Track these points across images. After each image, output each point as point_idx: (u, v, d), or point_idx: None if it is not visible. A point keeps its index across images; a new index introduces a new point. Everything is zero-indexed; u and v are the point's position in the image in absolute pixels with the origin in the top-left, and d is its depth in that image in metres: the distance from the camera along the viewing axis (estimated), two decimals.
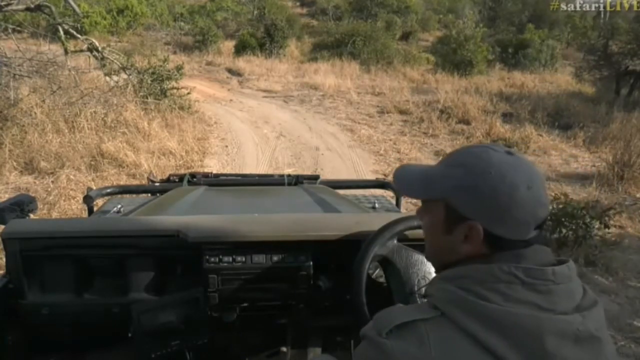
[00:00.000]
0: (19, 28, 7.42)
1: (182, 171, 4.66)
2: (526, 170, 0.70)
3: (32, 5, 7.15)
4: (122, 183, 5.01)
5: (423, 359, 0.62)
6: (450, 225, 0.73)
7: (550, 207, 4.27)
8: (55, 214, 4.36)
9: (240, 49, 15.58)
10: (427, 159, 6.96)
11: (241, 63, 14.09)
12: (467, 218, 0.70)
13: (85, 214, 2.12)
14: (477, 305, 0.64)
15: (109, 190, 2.11)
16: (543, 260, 0.69)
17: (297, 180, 2.24)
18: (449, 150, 7.34)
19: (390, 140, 7.95)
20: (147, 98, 7.54)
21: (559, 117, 9.15)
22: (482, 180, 0.69)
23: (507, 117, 9.21)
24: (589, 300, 0.68)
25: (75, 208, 4.49)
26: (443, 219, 0.74)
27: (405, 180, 0.81)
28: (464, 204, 0.71)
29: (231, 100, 10.65)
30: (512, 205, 0.68)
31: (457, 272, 0.70)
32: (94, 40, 8.07)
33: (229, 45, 16.81)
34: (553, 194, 4.62)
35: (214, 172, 3.25)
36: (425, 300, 0.74)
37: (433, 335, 0.63)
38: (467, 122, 8.75)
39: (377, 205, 2.24)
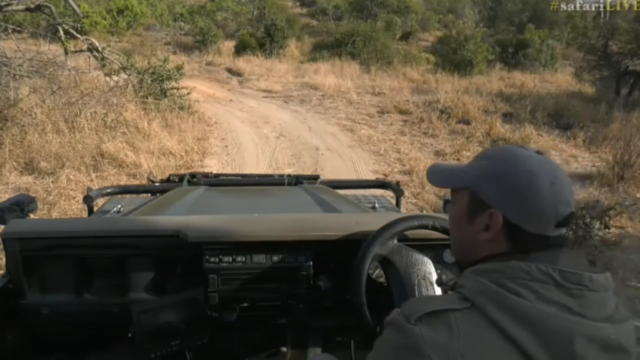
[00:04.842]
0: (19, 28, 7.42)
1: (182, 171, 4.66)
2: (551, 168, 0.73)
3: (32, 6, 7.15)
4: (122, 183, 5.01)
5: (450, 347, 0.62)
6: (472, 214, 0.77)
7: None
8: (55, 214, 4.36)
9: (240, 49, 15.57)
10: (427, 159, 6.95)
11: (241, 63, 14.09)
12: (489, 206, 0.74)
13: (85, 214, 2.12)
14: (508, 298, 0.64)
15: (109, 190, 2.11)
16: (578, 267, 0.69)
17: (297, 180, 2.24)
18: (449, 150, 7.36)
19: (390, 140, 7.95)
20: (147, 98, 7.54)
21: (559, 117, 9.15)
22: (503, 168, 0.74)
23: (507, 117, 9.21)
24: (621, 315, 0.69)
25: (75, 208, 4.49)
26: (466, 208, 0.78)
27: (434, 172, 0.87)
28: (486, 191, 0.75)
29: (231, 100, 10.65)
30: (531, 193, 0.71)
31: (492, 266, 0.71)
32: (94, 40, 8.07)
33: (229, 45, 16.80)
34: None
35: (214, 172, 3.25)
36: (452, 292, 0.74)
37: (462, 325, 0.64)
38: (467, 122, 8.75)
39: (377, 205, 2.24)
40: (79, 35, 8.10)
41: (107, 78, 7.81)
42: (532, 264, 0.67)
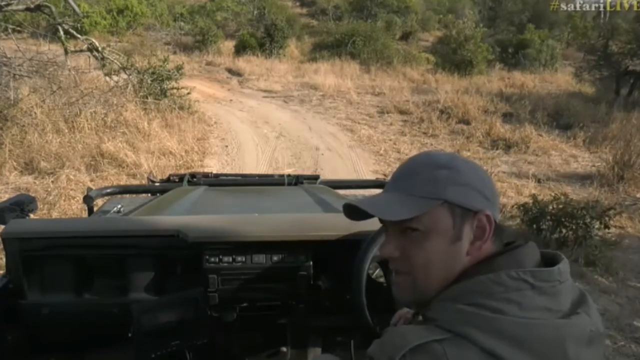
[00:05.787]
0: (19, 28, 7.43)
1: (182, 171, 4.66)
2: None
3: (32, 5, 7.15)
4: (122, 183, 5.00)
5: None
6: (459, 227, 0.68)
7: (550, 207, 4.33)
8: (55, 214, 4.36)
9: (240, 49, 15.56)
10: None
11: (241, 63, 14.08)
12: (474, 210, 0.68)
13: (85, 214, 2.12)
14: (493, 320, 0.59)
15: (109, 190, 2.11)
16: (537, 258, 0.68)
17: (297, 180, 2.24)
18: (449, 150, 7.35)
19: (390, 140, 7.95)
20: (147, 98, 7.54)
21: (559, 117, 9.15)
22: (458, 167, 0.70)
23: (507, 117, 9.21)
24: (577, 291, 0.67)
25: (75, 208, 4.49)
26: (451, 223, 0.68)
27: (388, 204, 0.70)
28: (464, 194, 0.68)
29: (231, 100, 10.65)
30: (491, 182, 0.72)
31: (461, 288, 0.65)
32: (94, 40, 8.08)
33: (229, 45, 16.79)
34: (553, 194, 4.62)
35: (214, 172, 3.25)
36: (422, 325, 0.67)
37: (452, 355, 0.58)
38: (467, 122, 8.75)
39: None
40: (79, 35, 8.11)
41: (107, 78, 7.81)
42: (501, 273, 0.63)
